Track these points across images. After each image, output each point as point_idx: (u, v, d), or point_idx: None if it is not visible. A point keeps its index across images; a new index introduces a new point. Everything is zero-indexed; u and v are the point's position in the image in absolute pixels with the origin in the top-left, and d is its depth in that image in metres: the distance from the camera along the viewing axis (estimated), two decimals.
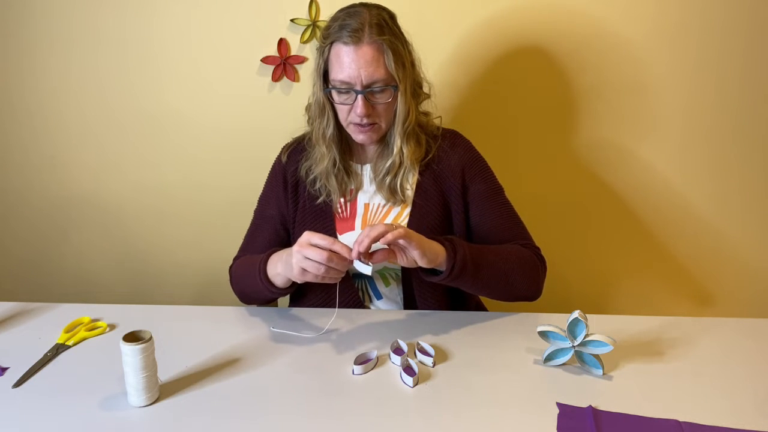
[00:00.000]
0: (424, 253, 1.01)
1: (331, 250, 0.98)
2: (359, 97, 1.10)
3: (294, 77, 1.57)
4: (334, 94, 1.14)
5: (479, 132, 1.36)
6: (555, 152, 1.61)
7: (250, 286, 1.18)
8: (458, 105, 1.58)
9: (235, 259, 1.33)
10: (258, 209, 1.33)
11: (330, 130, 1.19)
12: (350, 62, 1.09)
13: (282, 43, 1.55)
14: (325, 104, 1.17)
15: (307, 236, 0.99)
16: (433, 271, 1.07)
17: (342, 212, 1.24)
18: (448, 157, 1.22)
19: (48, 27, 1.59)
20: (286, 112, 1.55)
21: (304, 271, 0.99)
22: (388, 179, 1.20)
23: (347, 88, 1.11)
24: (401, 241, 0.99)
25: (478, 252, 1.10)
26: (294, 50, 1.56)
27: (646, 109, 1.56)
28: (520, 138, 1.60)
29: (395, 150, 1.18)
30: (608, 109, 1.56)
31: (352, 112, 1.13)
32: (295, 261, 1.00)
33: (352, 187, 1.24)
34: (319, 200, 1.22)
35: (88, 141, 1.68)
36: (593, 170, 1.61)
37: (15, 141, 1.69)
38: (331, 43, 1.12)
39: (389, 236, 0.96)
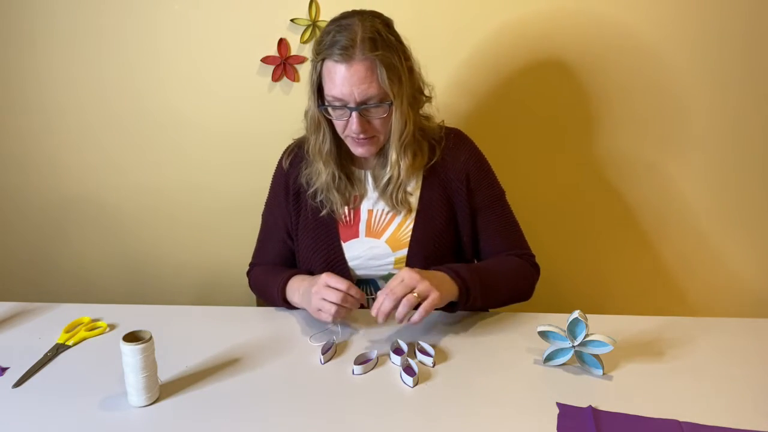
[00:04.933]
0: (444, 302, 1.05)
1: (347, 293, 1.04)
2: (354, 114, 1.09)
3: (294, 77, 1.57)
4: (330, 110, 1.12)
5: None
6: (562, 155, 1.60)
7: (272, 303, 1.23)
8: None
9: (251, 265, 1.35)
10: (265, 215, 1.34)
11: (327, 146, 1.17)
12: (342, 81, 1.07)
13: (282, 43, 1.55)
14: (320, 120, 1.15)
15: (326, 278, 1.06)
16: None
17: (346, 219, 1.23)
18: (452, 159, 1.21)
19: (49, 26, 1.59)
20: (286, 112, 1.54)
21: (318, 311, 1.07)
22: (389, 189, 1.19)
23: (341, 105, 1.10)
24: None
25: (486, 277, 1.12)
26: (294, 50, 1.56)
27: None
28: (523, 135, 1.60)
29: (391, 163, 1.16)
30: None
31: (348, 128, 1.12)
32: (313, 303, 1.07)
33: (357, 194, 1.23)
34: (323, 213, 1.22)
35: (88, 141, 1.68)
36: (597, 173, 1.61)
37: (16, 140, 1.69)
38: (323, 60, 1.10)
39: (416, 318, 0.99)
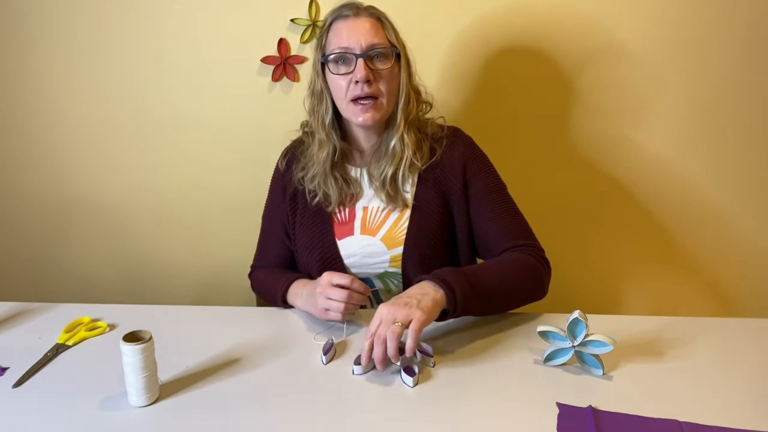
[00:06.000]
0: (431, 315, 0.97)
1: (350, 289, 1.06)
2: (359, 60, 1.09)
3: (294, 77, 1.57)
4: (332, 66, 1.13)
5: (479, 130, 1.35)
6: (554, 150, 1.61)
7: (273, 305, 1.23)
8: (459, 103, 1.57)
9: (252, 267, 1.35)
10: (264, 217, 1.34)
11: (329, 116, 1.18)
12: (349, 31, 1.10)
13: (282, 43, 1.55)
14: (323, 90, 1.17)
15: (328, 276, 1.07)
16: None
17: (341, 216, 1.23)
18: (449, 156, 1.21)
19: (49, 26, 1.59)
20: (286, 112, 1.55)
21: (326, 311, 1.08)
22: (386, 169, 1.18)
23: (346, 52, 1.10)
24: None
25: (478, 280, 1.03)
26: (294, 50, 1.56)
27: (645, 105, 1.55)
28: (519, 135, 1.60)
29: (399, 131, 1.16)
30: (607, 106, 1.56)
31: (351, 86, 1.11)
32: (320, 302, 1.08)
33: (352, 192, 1.23)
34: (316, 199, 1.22)
35: (88, 141, 1.68)
36: (591, 171, 1.61)
37: (16, 140, 1.69)
38: (330, 25, 1.14)
39: (410, 347, 0.92)
